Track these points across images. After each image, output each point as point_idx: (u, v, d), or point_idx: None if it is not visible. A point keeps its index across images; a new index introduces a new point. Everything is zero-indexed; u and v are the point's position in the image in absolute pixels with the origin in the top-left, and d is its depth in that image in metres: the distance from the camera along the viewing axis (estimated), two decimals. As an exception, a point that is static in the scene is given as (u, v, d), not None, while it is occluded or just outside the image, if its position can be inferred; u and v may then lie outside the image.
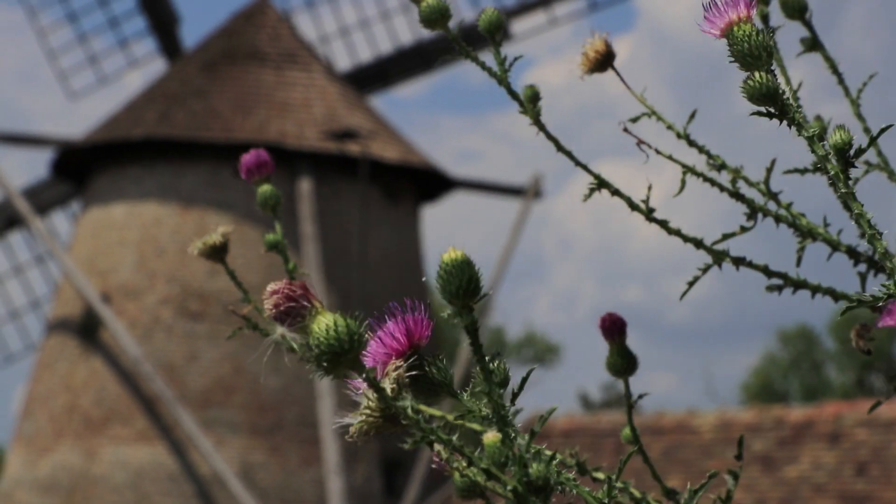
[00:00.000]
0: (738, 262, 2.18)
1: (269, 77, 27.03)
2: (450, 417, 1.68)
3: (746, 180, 2.20)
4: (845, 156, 1.72)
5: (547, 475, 1.52)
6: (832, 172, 1.73)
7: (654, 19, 78.82)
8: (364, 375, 1.43)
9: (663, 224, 2.17)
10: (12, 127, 37.89)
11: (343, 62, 28.48)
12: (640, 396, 2.06)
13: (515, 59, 2.17)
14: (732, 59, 1.71)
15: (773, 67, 1.71)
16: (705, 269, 2.19)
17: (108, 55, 28.70)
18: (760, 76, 1.68)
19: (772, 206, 2.22)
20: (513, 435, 1.57)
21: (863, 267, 2.17)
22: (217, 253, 2.50)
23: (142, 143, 26.12)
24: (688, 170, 2.20)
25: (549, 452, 1.64)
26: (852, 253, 2.16)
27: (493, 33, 2.22)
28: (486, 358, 1.57)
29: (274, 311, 1.46)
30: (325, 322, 1.41)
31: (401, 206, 27.65)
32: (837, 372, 49.91)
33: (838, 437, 22.58)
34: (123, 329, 25.42)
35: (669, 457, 21.12)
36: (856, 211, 1.73)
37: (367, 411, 1.46)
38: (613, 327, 2.14)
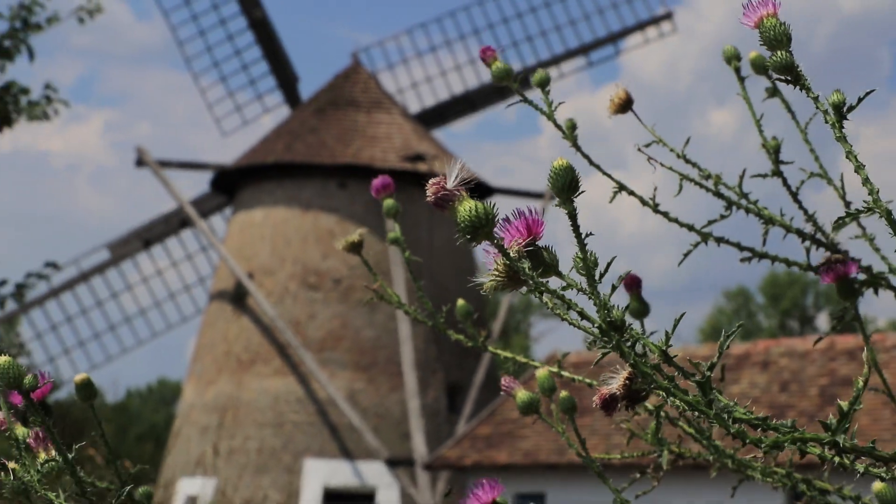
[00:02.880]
0: (719, 240, 2.19)
1: (362, 118, 30.50)
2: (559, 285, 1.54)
3: (725, 184, 2.17)
4: (840, 110, 1.75)
5: (623, 318, 1.49)
6: (830, 123, 1.75)
7: (633, 72, 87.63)
8: (495, 243, 1.40)
9: (665, 214, 2.18)
10: (184, 157, 40.35)
11: (414, 107, 31.71)
12: (652, 333, 1.79)
13: (559, 103, 2.22)
14: (762, 42, 1.75)
15: (790, 49, 1.74)
16: (696, 245, 2.18)
17: (248, 105, 31.80)
18: (782, 54, 1.73)
19: (743, 201, 2.20)
20: (599, 290, 1.50)
21: (808, 243, 2.13)
22: (355, 248, 2.53)
23: (273, 166, 30.00)
24: (684, 177, 2.17)
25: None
26: (801, 234, 2.13)
27: (543, 86, 2.29)
28: (583, 236, 1.48)
29: (433, 197, 1.47)
30: (468, 205, 1.42)
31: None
32: (765, 318, 57.33)
33: (767, 364, 24.62)
34: (263, 297, 29.15)
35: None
36: (846, 149, 1.74)
37: (495, 273, 1.42)
38: (633, 282, 2.22)
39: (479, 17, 30.94)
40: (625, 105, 2.11)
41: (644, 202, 2.14)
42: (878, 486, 1.72)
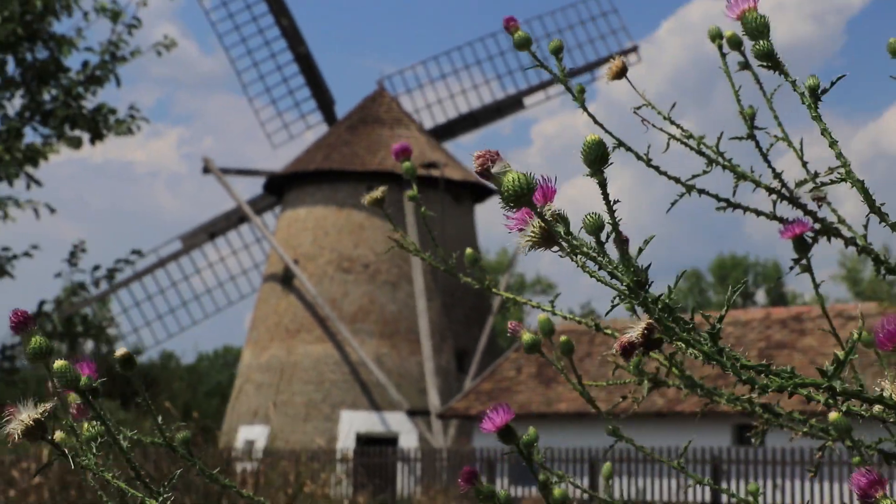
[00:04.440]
0: (701, 191, 2.04)
1: (386, 133, 30.53)
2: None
3: (706, 145, 2.02)
4: (815, 92, 1.67)
5: (647, 277, 1.37)
6: (806, 104, 1.65)
7: (606, 95, 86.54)
8: (535, 210, 1.33)
9: (656, 168, 2.02)
10: (241, 165, 40.36)
11: (428, 123, 31.83)
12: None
13: (569, 70, 2.08)
14: (745, 33, 1.65)
15: (770, 38, 1.63)
16: (681, 196, 2.04)
17: (293, 123, 31.79)
18: (763, 43, 1.64)
19: (720, 159, 2.04)
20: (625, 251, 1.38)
21: (774, 197, 2.02)
22: (378, 202, 2.28)
23: (314, 173, 30.07)
24: (672, 137, 2.02)
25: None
26: (768, 189, 2.02)
27: (557, 53, 2.02)
28: (612, 202, 1.37)
29: (480, 167, 1.36)
30: (512, 175, 1.31)
31: (463, 205, 30.77)
32: (714, 294, 57.14)
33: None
34: (306, 279, 29.39)
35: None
36: (821, 128, 1.65)
37: (532, 234, 1.35)
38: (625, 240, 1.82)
39: (480, 50, 31.00)
40: (620, 72, 2.02)
41: (638, 157, 2.00)
42: (833, 415, 1.66)
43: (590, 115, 1.79)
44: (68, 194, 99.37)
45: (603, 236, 1.41)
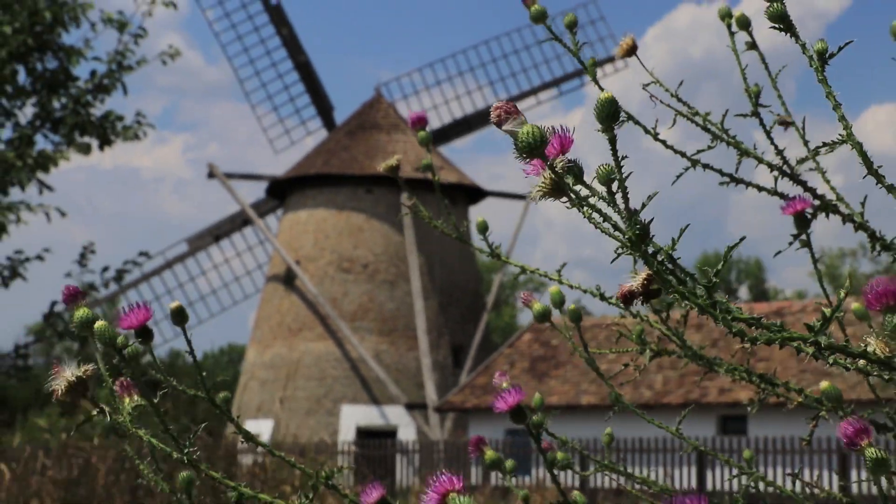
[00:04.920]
0: (706, 166, 1.99)
1: (383, 138, 30.50)
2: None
3: (711, 122, 1.99)
4: (823, 56, 1.64)
5: (647, 228, 1.35)
6: (814, 67, 1.62)
7: (595, 100, 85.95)
8: (546, 162, 1.32)
9: (664, 142, 1.98)
10: (244, 170, 41.18)
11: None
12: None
13: (584, 43, 1.91)
14: None
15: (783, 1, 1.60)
16: (686, 169, 2.00)
17: (294, 129, 31.86)
18: (777, 5, 1.61)
19: (724, 136, 2.03)
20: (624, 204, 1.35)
21: (776, 173, 1.99)
22: (394, 170, 2.23)
23: (314, 177, 29.97)
24: (679, 113, 1.99)
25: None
26: (770, 166, 1.98)
27: (571, 27, 1.93)
28: (618, 157, 1.35)
29: (497, 119, 1.35)
30: (527, 128, 1.31)
31: (458, 206, 30.47)
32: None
33: (701, 326, 23.61)
34: (307, 279, 29.25)
35: (609, 339, 24.53)
36: (826, 90, 1.62)
37: (542, 185, 1.33)
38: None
39: (473, 57, 31.04)
40: (631, 49, 1.99)
41: (647, 131, 1.96)
42: (824, 384, 1.64)
43: (600, 87, 1.74)
44: (78, 199, 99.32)
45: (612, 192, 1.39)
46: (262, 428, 28.14)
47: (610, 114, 1.37)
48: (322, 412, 28.34)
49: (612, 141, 1.39)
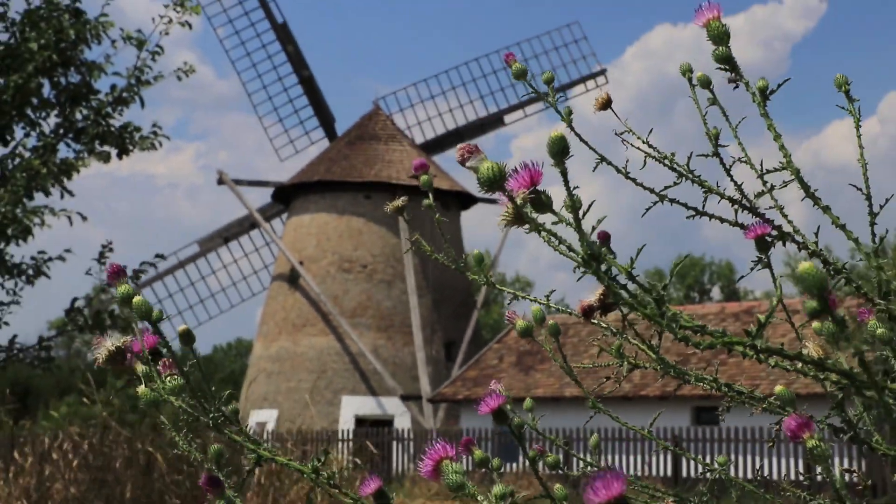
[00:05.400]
0: (672, 200, 2.00)
1: (381, 147, 30.42)
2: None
3: (676, 162, 1.99)
4: (765, 93, 1.68)
5: (601, 250, 1.39)
6: (756, 102, 1.65)
7: (578, 113, 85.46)
8: (506, 193, 1.33)
9: (633, 180, 1.98)
10: (252, 177, 40.17)
11: (419, 139, 31.73)
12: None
13: (563, 97, 2.52)
14: (708, 38, 1.63)
15: (728, 45, 1.62)
16: (654, 203, 2.01)
17: (298, 139, 31.60)
18: (722, 49, 1.62)
19: (689, 175, 1.97)
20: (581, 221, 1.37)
21: (736, 207, 1.97)
22: (401, 210, 2.15)
23: (317, 183, 29.98)
24: (648, 155, 2.00)
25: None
26: (731, 200, 1.96)
27: (549, 83, 1.95)
28: (570, 187, 1.37)
29: (461, 158, 1.38)
30: (487, 164, 1.32)
31: (451, 212, 30.71)
32: (674, 291, 56.63)
33: (677, 318, 25.31)
34: (310, 278, 29.26)
35: (592, 335, 24.98)
36: (767, 123, 1.66)
37: (505, 214, 1.36)
38: (602, 237, 1.77)
39: (465, 73, 31.11)
40: (605, 104, 2.02)
41: (619, 170, 1.99)
42: (778, 388, 1.69)
43: (576, 133, 1.81)
44: (98, 204, 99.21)
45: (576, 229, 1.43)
46: (267, 417, 28.09)
47: (560, 150, 1.40)
48: (323, 402, 28.25)
49: (564, 174, 1.42)
